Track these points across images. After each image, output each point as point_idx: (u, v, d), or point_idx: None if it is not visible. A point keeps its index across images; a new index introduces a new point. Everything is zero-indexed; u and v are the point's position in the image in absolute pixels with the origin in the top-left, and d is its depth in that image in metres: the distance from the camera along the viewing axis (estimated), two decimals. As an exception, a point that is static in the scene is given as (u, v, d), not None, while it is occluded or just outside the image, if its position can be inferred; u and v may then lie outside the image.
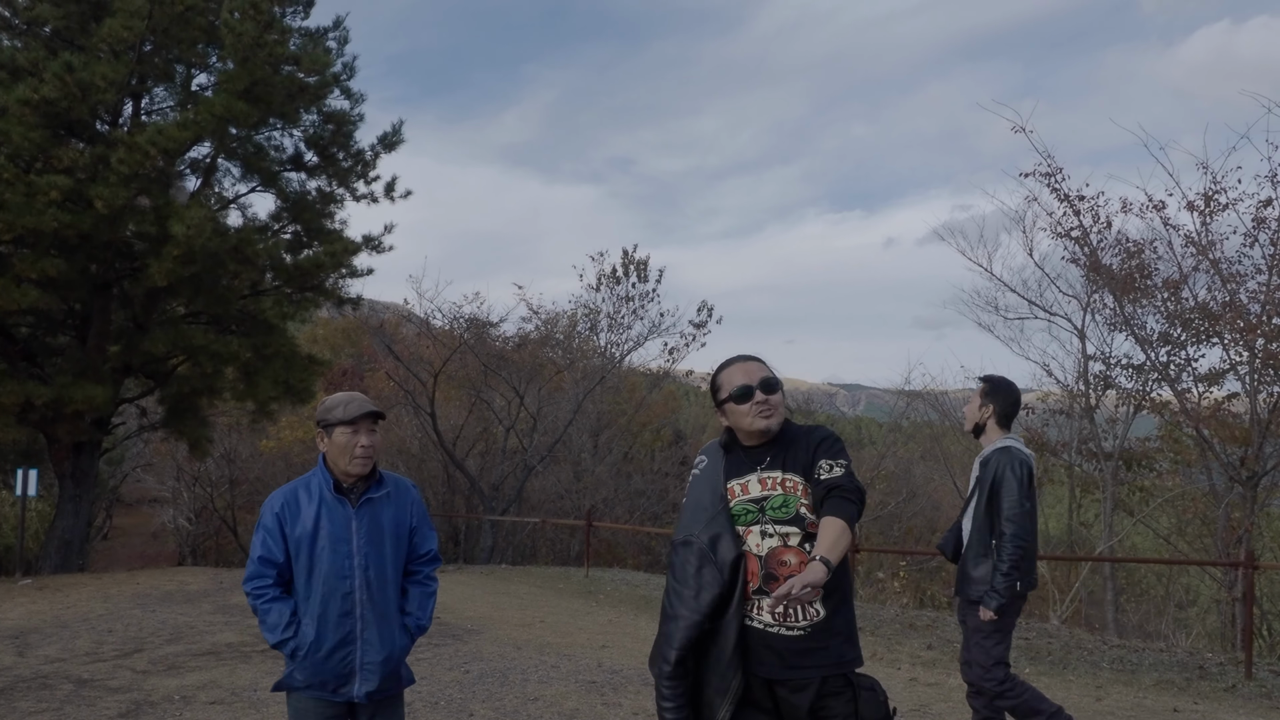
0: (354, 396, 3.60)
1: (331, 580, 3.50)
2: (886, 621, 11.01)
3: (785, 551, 2.97)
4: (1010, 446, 4.95)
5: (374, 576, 3.56)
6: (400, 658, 3.68)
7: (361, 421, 3.53)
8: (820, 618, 2.95)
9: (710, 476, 3.17)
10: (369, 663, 3.55)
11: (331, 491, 3.57)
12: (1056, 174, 16.86)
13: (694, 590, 2.99)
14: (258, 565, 3.54)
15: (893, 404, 30.79)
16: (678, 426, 37.95)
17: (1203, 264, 15.83)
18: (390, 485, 3.70)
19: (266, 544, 3.54)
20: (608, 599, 13.18)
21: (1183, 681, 8.01)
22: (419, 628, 3.74)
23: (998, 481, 4.84)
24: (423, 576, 3.79)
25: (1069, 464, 19.79)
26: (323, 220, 18.50)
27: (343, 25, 18.15)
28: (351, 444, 3.51)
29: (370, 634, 3.55)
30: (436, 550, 3.86)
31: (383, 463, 17.69)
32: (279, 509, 3.56)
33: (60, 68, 14.00)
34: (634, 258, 29.16)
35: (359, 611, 3.53)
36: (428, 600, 3.79)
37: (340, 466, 3.56)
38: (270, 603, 3.51)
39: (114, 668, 8.03)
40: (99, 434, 17.54)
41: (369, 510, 3.60)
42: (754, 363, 3.19)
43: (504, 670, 8.05)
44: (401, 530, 3.69)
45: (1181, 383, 16.81)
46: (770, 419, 3.07)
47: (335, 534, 3.52)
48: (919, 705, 7.04)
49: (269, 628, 3.51)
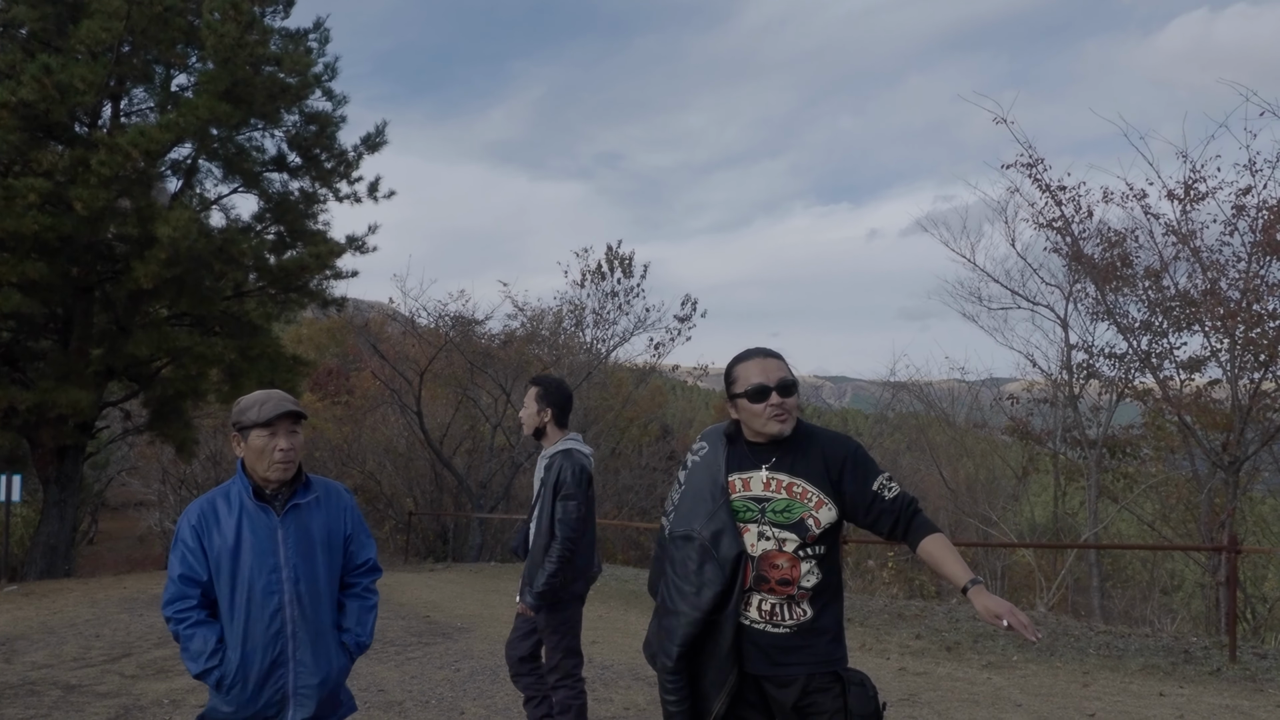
0: (270, 395, 3.28)
1: (257, 597, 3.18)
2: (875, 612, 11.07)
3: (779, 556, 2.94)
4: (571, 449, 4.96)
5: (305, 591, 3.25)
6: (339, 680, 3.37)
7: (279, 422, 3.22)
8: (808, 617, 2.95)
9: (710, 465, 3.10)
10: (303, 687, 3.24)
11: (253, 499, 3.24)
12: (1038, 164, 16.98)
13: (695, 587, 2.98)
14: (178, 585, 3.19)
15: (878, 395, 30.95)
16: (665, 421, 38.05)
17: (1183, 252, 15.97)
18: (319, 490, 3.38)
19: (186, 560, 3.19)
20: (596, 594, 13.19)
21: (1168, 666, 8.08)
22: (359, 645, 3.44)
23: (559, 483, 4.86)
24: (361, 589, 3.48)
25: (1053, 452, 19.92)
26: (305, 221, 18.44)
27: (323, 26, 18.09)
28: (269, 447, 3.19)
29: (304, 654, 3.24)
30: (375, 560, 3.55)
31: (369, 462, 17.56)
32: (195, 521, 3.23)
33: (38, 70, 13.89)
34: (619, 253, 29.16)
35: (290, 630, 3.22)
36: (367, 615, 3.47)
37: (259, 472, 3.24)
38: (193, 628, 3.17)
39: (102, 673, 8.00)
40: (83, 438, 17.44)
41: (295, 518, 3.28)
42: (773, 360, 3.06)
43: (495, 668, 8.05)
44: (335, 539, 3.38)
45: (1163, 370, 16.96)
46: (785, 423, 2.99)
47: (259, 546, 3.20)
48: (909, 694, 7.08)
49: (191, 656, 3.18)
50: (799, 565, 2.94)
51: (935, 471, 25.90)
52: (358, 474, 27.39)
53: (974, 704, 6.82)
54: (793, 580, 2.94)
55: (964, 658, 8.65)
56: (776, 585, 2.94)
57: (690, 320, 28.81)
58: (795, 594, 2.94)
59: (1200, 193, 15.42)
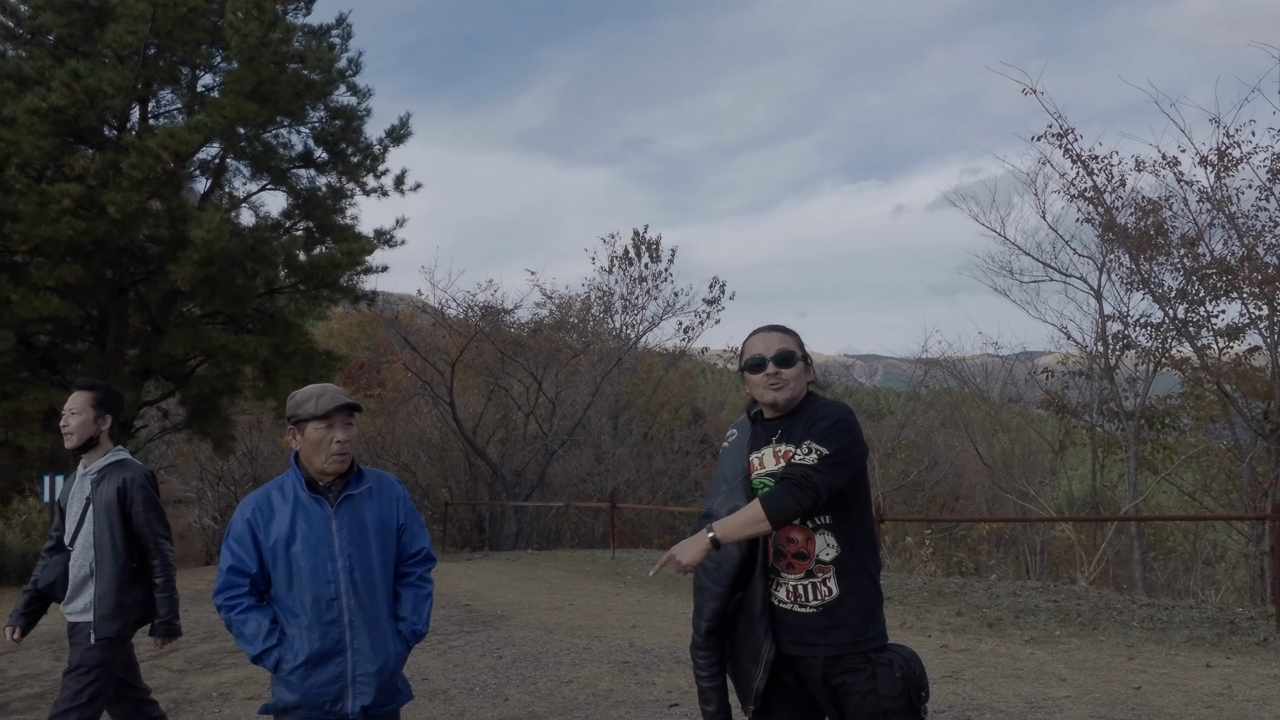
0: (326, 388, 3.33)
1: (314, 586, 3.22)
2: (915, 590, 11.04)
3: (792, 529, 2.95)
4: (127, 459, 4.60)
5: (360, 580, 3.28)
6: (396, 667, 3.39)
7: (336, 415, 3.26)
8: (833, 596, 2.93)
9: (737, 449, 3.16)
10: (362, 675, 3.27)
11: (307, 491, 3.29)
12: (1068, 135, 16.81)
13: (715, 562, 3.01)
14: (227, 576, 3.25)
15: (910, 372, 30.80)
16: (696, 405, 38.03)
17: (1219, 219, 15.76)
18: (371, 480, 3.42)
19: (236, 553, 3.26)
20: (635, 580, 13.24)
21: (1214, 637, 8.01)
22: (415, 634, 3.45)
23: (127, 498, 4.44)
24: (415, 578, 3.49)
25: (1090, 425, 19.74)
26: (334, 216, 18.55)
27: (346, 22, 18.15)
28: (327, 439, 3.24)
29: (361, 643, 3.27)
30: (429, 549, 3.56)
31: (403, 454, 17.71)
32: (250, 515, 3.28)
33: (67, 75, 14.05)
34: (645, 238, 29.21)
35: (347, 619, 3.25)
36: (423, 603, 3.49)
37: (315, 464, 3.29)
38: (245, 612, 3.23)
39: (151, 667, 8.12)
40: (123, 437, 17.64)
41: (349, 509, 3.32)
42: (775, 334, 3.10)
43: (536, 654, 8.11)
44: (388, 529, 3.41)
45: (1201, 339, 16.76)
46: (780, 392, 3.00)
47: (314, 537, 3.24)
48: (951, 671, 7.06)
49: (247, 640, 3.22)
50: (813, 538, 2.94)
51: (971, 447, 25.77)
52: (392, 466, 27.56)
53: (1018, 679, 6.79)
54: (809, 554, 2.93)
55: (1006, 634, 8.61)
56: (794, 560, 2.94)
57: (719, 303, 28.86)
58: (814, 568, 2.94)
59: (1234, 158, 15.22)
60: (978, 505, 26.12)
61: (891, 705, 2.86)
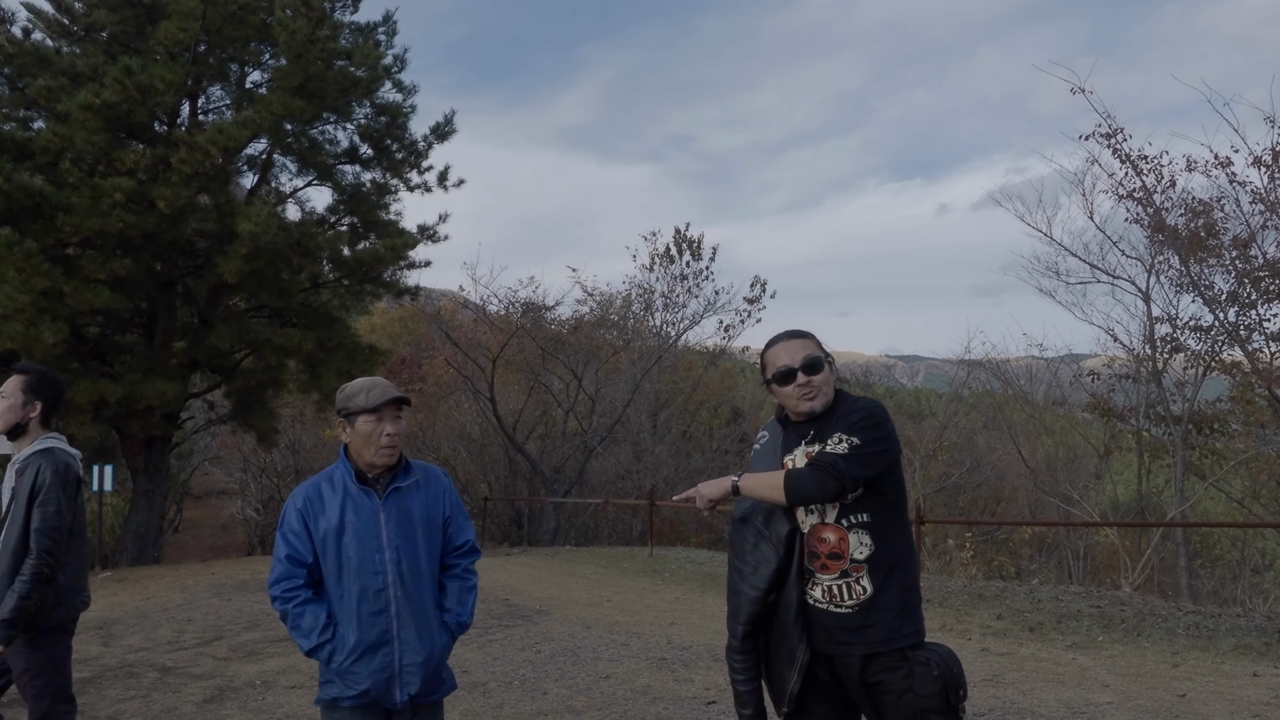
0: (376, 382, 3.37)
1: (362, 577, 3.26)
2: (955, 593, 10.94)
3: (824, 529, 2.95)
4: (53, 447, 4.20)
5: (407, 571, 3.33)
6: (441, 658, 3.44)
7: (386, 408, 3.31)
8: (868, 594, 2.92)
9: (769, 451, 3.16)
10: (408, 664, 3.32)
11: (355, 483, 3.33)
12: (1117, 134, 16.54)
13: (752, 566, 3.02)
14: (285, 565, 3.28)
15: (953, 374, 30.47)
16: (735, 403, 37.91)
17: (1272, 220, 15.44)
18: (419, 473, 3.46)
19: (291, 542, 3.29)
20: (673, 577, 13.24)
21: (1261, 646, 7.87)
22: (460, 625, 3.50)
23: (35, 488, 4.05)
24: (461, 570, 3.55)
25: (1137, 429, 19.45)
26: (378, 211, 18.76)
27: (392, 19, 18.38)
28: (376, 432, 3.28)
29: (407, 633, 3.32)
30: (474, 542, 3.60)
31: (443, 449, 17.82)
32: (301, 505, 3.32)
33: (119, 72, 14.30)
34: (686, 236, 29.14)
35: (394, 610, 3.29)
36: (468, 595, 3.54)
37: (365, 457, 3.32)
38: (302, 606, 3.26)
39: (196, 655, 8.26)
40: (169, 428, 17.99)
41: (397, 501, 3.36)
42: (798, 340, 3.09)
43: (575, 649, 8.14)
44: (434, 521, 3.45)
45: (1252, 343, 16.44)
46: (814, 400, 3.00)
47: (362, 528, 3.28)
48: (992, 675, 6.99)
49: (302, 633, 3.26)
50: (846, 537, 2.93)
51: (1013, 450, 25.46)
52: (433, 460, 27.72)
53: (1060, 684, 6.71)
54: (843, 554, 2.93)
55: (1047, 638, 8.51)
56: (827, 560, 2.94)
57: (760, 301, 28.73)
58: (849, 568, 2.93)
59: (1289, 159, 14.90)
60: (1020, 509, 25.85)
61: (929, 704, 2.85)
